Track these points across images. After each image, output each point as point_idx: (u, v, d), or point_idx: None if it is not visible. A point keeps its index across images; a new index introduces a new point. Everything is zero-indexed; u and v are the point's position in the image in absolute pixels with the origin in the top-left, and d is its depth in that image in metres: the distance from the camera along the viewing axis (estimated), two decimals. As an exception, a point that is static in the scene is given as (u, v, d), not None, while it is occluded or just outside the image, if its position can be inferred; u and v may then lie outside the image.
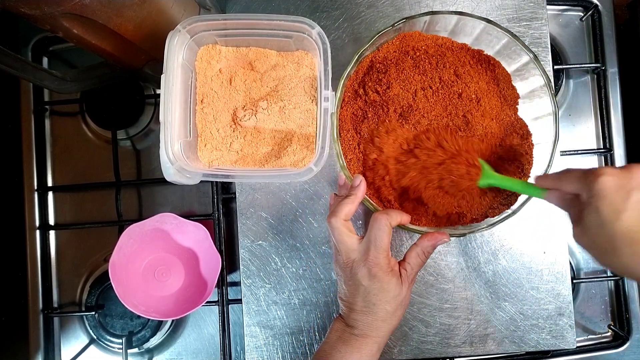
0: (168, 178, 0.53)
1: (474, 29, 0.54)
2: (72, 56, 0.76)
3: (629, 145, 0.72)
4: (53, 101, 0.74)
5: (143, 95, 0.72)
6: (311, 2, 0.64)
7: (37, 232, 0.72)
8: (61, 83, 0.59)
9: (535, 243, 0.62)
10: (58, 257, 0.73)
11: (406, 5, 0.64)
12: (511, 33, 0.52)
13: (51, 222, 0.73)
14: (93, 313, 0.70)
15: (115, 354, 0.71)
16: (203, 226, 0.65)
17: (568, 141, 0.73)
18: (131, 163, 0.74)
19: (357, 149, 0.55)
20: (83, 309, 0.72)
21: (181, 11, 0.57)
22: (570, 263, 0.67)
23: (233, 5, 0.65)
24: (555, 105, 0.53)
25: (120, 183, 0.71)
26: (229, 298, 0.68)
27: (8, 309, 0.69)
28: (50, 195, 0.73)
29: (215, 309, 0.69)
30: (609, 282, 0.71)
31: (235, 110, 0.57)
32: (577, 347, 0.65)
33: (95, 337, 0.71)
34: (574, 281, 0.68)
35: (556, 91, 0.72)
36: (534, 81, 0.54)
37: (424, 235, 0.50)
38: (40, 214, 0.72)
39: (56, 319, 0.72)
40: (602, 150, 0.72)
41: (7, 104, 0.72)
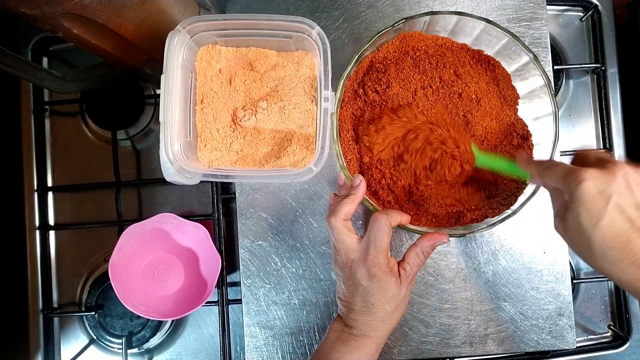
0: (168, 178, 0.53)
1: (474, 29, 0.54)
2: (72, 56, 0.76)
3: (629, 145, 0.72)
4: (53, 101, 0.74)
5: (143, 95, 0.72)
6: (311, 2, 0.64)
7: (37, 232, 0.72)
8: (61, 83, 0.59)
9: (535, 243, 0.62)
10: (58, 257, 0.73)
11: (406, 5, 0.64)
12: (511, 33, 0.52)
13: (51, 222, 0.73)
14: (93, 313, 0.70)
15: (115, 354, 0.71)
16: (203, 226, 0.65)
17: (568, 141, 0.73)
18: (131, 163, 0.74)
19: (357, 149, 0.55)
20: (83, 309, 0.72)
21: (181, 11, 0.57)
22: (570, 263, 0.67)
23: (233, 5, 0.65)
24: (555, 105, 0.53)
25: (120, 183, 0.71)
26: (229, 298, 0.68)
27: (8, 309, 0.69)
28: (50, 195, 0.73)
29: (215, 309, 0.69)
30: (609, 283, 0.71)
31: (235, 110, 0.57)
32: (577, 348, 0.65)
33: (95, 337, 0.71)
34: (574, 281, 0.68)
35: (556, 91, 0.72)
36: (534, 81, 0.54)
37: (423, 235, 0.50)
38: (40, 214, 0.72)
39: (56, 319, 0.72)
40: (602, 150, 0.72)
41: (7, 104, 0.72)
